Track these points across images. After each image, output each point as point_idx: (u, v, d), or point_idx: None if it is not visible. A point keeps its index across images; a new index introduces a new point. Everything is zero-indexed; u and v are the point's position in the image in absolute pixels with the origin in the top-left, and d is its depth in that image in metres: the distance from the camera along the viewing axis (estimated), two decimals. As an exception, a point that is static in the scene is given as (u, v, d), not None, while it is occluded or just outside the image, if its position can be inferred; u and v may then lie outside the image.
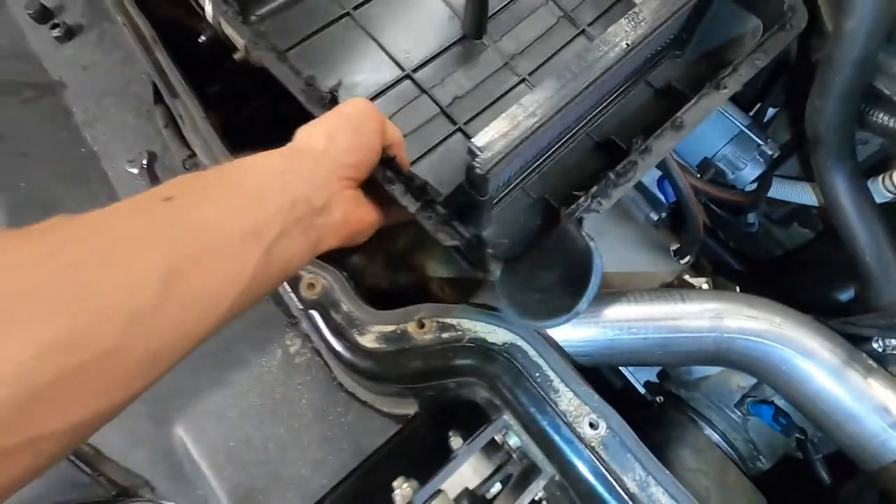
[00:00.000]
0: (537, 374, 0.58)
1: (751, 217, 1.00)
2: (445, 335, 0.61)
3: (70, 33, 1.40)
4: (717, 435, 0.85)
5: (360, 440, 0.79)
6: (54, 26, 1.39)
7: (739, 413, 0.84)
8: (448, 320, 0.61)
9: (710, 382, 0.89)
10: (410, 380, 0.62)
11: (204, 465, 0.80)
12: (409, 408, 0.81)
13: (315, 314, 0.63)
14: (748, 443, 0.84)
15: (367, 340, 0.61)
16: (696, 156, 0.91)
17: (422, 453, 0.80)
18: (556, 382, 0.58)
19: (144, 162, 1.24)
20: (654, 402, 0.94)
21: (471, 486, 0.64)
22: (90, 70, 1.40)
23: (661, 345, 0.72)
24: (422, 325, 0.61)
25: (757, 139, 0.86)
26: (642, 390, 1.04)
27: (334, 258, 0.74)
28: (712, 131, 0.89)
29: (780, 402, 0.82)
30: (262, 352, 0.84)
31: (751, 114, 0.94)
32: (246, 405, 0.82)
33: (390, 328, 0.61)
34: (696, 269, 0.93)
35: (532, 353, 0.59)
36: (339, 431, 0.80)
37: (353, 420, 0.81)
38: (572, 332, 0.71)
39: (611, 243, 0.92)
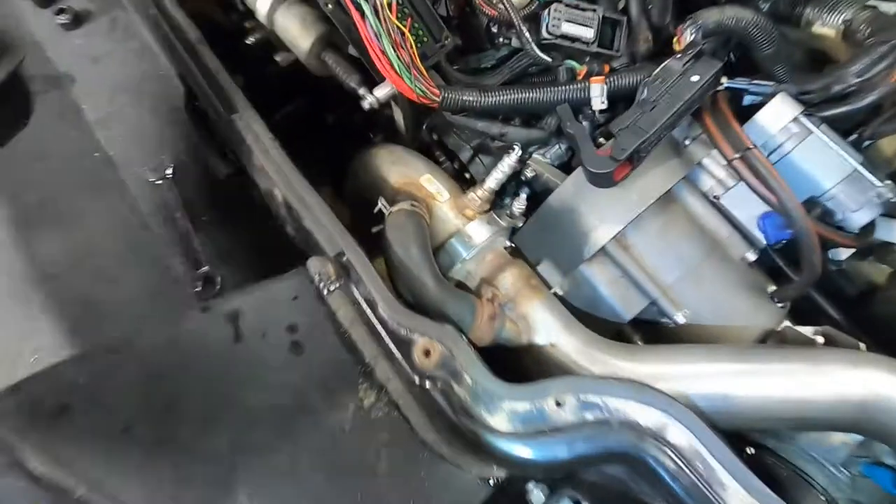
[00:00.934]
0: (699, 465, 0.51)
1: (841, 254, 0.94)
2: (589, 415, 0.53)
3: (78, 20, 1.24)
4: (817, 492, 0.80)
5: (448, 506, 0.71)
6: (59, 11, 1.23)
7: (847, 473, 0.79)
8: (591, 397, 0.53)
9: (808, 435, 0.84)
10: (545, 471, 0.54)
11: (271, 535, 0.70)
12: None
13: (434, 389, 0.54)
14: (854, 504, 0.79)
15: (499, 421, 0.53)
16: (799, 194, 0.84)
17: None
18: (722, 474, 0.51)
19: (169, 171, 1.12)
20: (744, 453, 0.88)
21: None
22: (101, 62, 1.25)
23: (795, 413, 0.66)
24: (560, 403, 0.53)
25: (873, 180, 0.80)
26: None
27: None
28: (821, 168, 0.83)
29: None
30: (334, 405, 0.75)
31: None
32: (318, 466, 0.73)
33: (524, 405, 0.53)
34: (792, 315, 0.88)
35: (691, 437, 0.52)
36: (423, 498, 0.72)
37: (440, 483, 0.73)
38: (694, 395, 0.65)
39: (707, 287, 0.85)
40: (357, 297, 0.65)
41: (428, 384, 0.56)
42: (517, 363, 0.73)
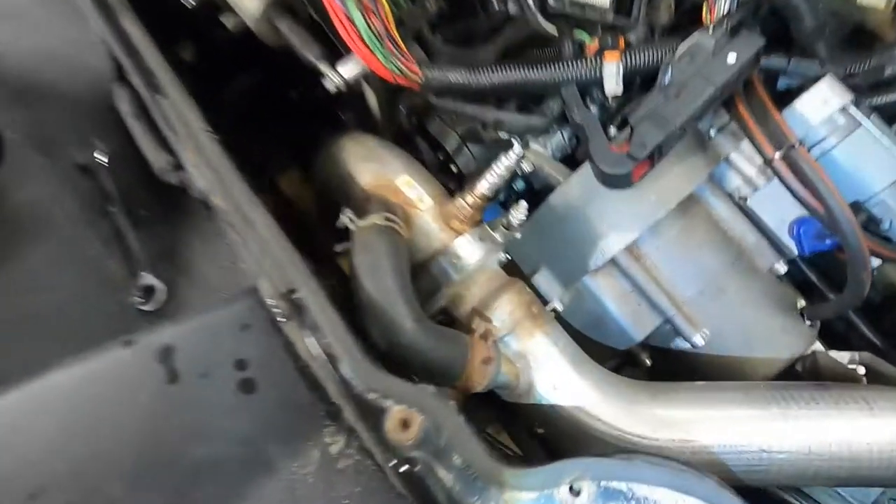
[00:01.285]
0: (750, 570, 0.40)
1: (874, 262, 0.84)
2: (612, 507, 0.42)
3: (-17, -31, 1.03)
4: (843, 533, 0.72)
5: (431, 573, 0.61)
6: (-42, -42, 1.01)
7: (879, 514, 0.71)
8: (614, 484, 0.42)
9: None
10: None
11: None
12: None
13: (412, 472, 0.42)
14: (886, 549, 0.71)
15: (498, 516, 0.41)
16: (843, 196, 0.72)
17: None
18: (777, 582, 0.40)
19: (100, 156, 0.95)
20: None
21: None
22: (20, 24, 1.06)
23: (847, 472, 0.55)
24: (575, 491, 0.42)
25: (931, 183, 0.68)
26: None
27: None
28: (869, 168, 0.71)
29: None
30: (294, 453, 0.63)
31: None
32: (275, 528, 0.61)
33: (531, 496, 0.41)
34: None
35: (739, 535, 0.41)
36: (402, 562, 0.61)
37: (421, 544, 0.62)
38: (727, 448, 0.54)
39: (730, 303, 0.74)
40: (312, 348, 0.51)
41: (404, 468, 0.44)
42: (513, 406, 0.61)
